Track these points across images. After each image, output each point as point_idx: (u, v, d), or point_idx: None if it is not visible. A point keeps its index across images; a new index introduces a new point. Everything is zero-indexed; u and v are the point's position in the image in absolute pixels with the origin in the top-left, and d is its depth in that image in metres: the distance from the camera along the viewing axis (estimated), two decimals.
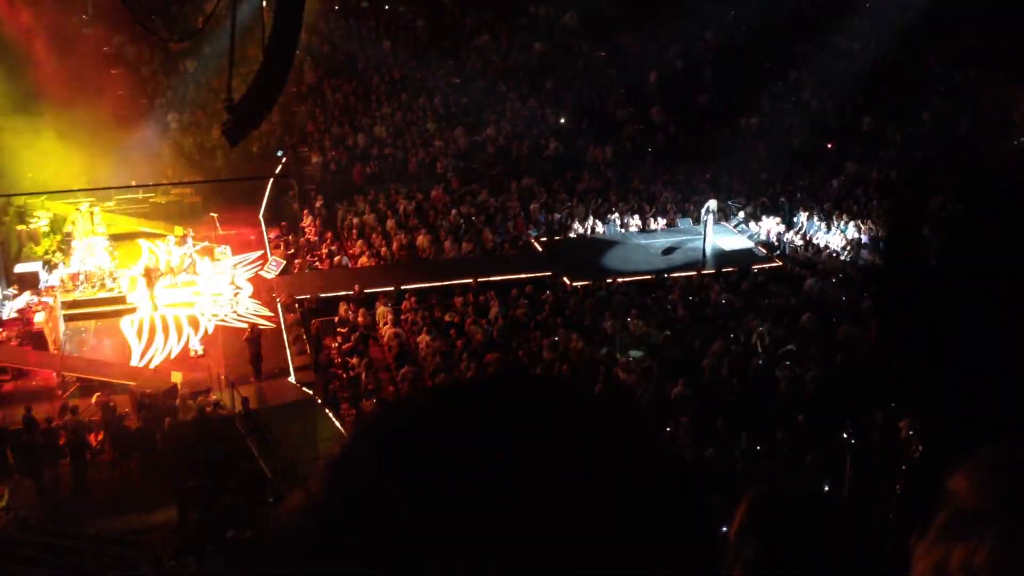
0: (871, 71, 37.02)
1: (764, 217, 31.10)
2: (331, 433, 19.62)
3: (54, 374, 22.19)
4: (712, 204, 28.84)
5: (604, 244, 29.71)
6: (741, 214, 31.25)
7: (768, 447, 17.67)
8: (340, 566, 0.78)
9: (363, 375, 21.61)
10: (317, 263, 28.24)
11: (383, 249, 28.71)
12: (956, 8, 36.75)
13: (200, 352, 23.55)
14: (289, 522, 0.82)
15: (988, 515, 0.92)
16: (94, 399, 20.42)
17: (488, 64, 39.08)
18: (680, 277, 26.48)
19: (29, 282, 25.31)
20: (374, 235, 29.39)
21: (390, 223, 29.91)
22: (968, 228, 1.53)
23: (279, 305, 25.18)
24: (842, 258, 28.31)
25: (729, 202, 30.91)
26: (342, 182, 33.16)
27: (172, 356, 23.63)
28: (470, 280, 25.60)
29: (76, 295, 25.47)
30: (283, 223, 30.50)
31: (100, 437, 19.81)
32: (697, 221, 29.52)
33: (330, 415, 20.62)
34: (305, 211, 31.03)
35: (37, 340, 22.97)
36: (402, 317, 24.17)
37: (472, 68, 38.55)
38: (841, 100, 37.28)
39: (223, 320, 25.11)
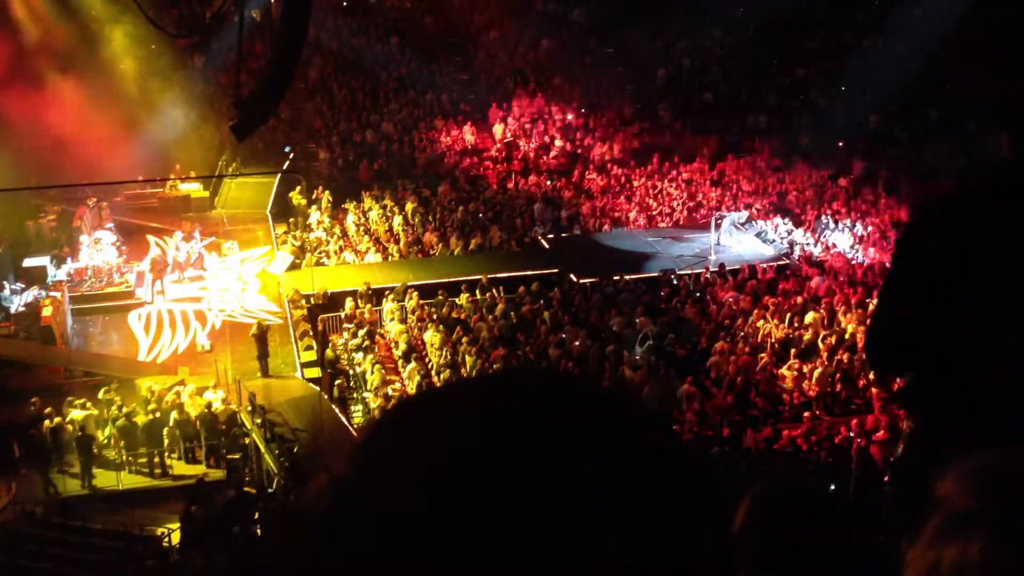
0: (879, 69, 36.89)
1: (772, 215, 31.03)
2: (337, 429, 19.65)
3: (61, 369, 22.25)
4: (734, 217, 28.99)
5: (611, 241, 29.69)
6: (745, 213, 31.14)
7: (774, 446, 17.66)
8: (366, 546, 0.79)
9: (369, 371, 21.65)
10: (324, 259, 28.27)
11: (390, 245, 28.75)
12: (965, 5, 36.59)
13: (207, 347, 23.60)
14: (314, 502, 0.84)
15: (979, 518, 0.93)
16: (101, 394, 20.48)
17: (496, 61, 39.07)
18: (687, 274, 26.46)
19: (37, 277, 25.37)
20: (381, 231, 29.42)
21: (397, 219, 29.94)
22: (964, 226, 1.53)
23: (286, 301, 25.21)
24: (849, 256, 28.23)
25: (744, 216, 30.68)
26: (349, 178, 33.22)
27: (179, 351, 23.68)
28: (479, 277, 25.61)
29: (84, 290, 25.53)
30: (290, 219, 30.55)
31: (107, 432, 19.88)
32: (707, 223, 29.39)
33: (336, 411, 20.65)
34: (312, 207, 31.07)
35: (45, 335, 23.01)
36: (409, 314, 24.19)
37: (480, 65, 38.55)
38: (849, 98, 37.16)
39: (230, 315, 25.15)
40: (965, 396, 1.46)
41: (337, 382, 21.62)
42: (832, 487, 14.04)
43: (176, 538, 17.39)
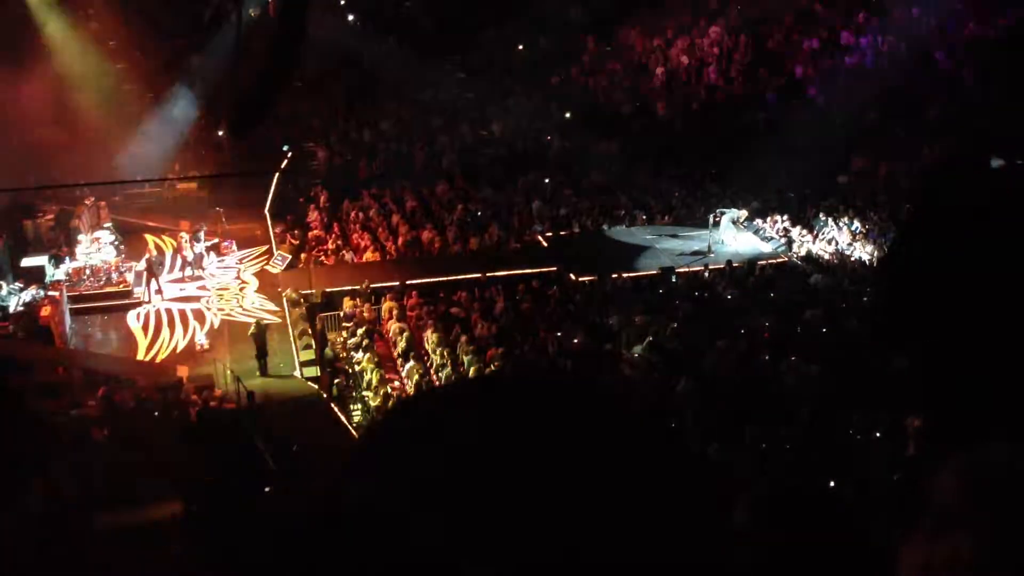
0: (877, 67, 36.92)
1: (771, 213, 31.03)
2: (336, 428, 19.65)
3: (60, 368, 22.22)
4: (733, 215, 28.98)
5: (609, 239, 29.70)
6: (745, 212, 31.14)
7: (772, 444, 17.66)
8: (369, 544, 0.79)
9: (368, 370, 21.64)
10: (323, 258, 28.27)
11: (388, 244, 28.74)
12: (963, 5, 36.65)
13: (206, 346, 23.60)
14: (316, 502, 0.84)
15: (972, 516, 0.93)
16: (99, 393, 20.47)
17: (493, 59, 39.07)
18: (686, 272, 26.46)
19: (35, 276, 25.35)
20: (379, 230, 29.42)
21: (395, 218, 29.94)
22: (968, 223, 1.53)
23: (284, 300, 25.21)
24: (848, 253, 28.24)
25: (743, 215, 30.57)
26: (347, 177, 33.22)
27: (178, 350, 23.68)
28: (478, 275, 25.61)
29: (82, 289, 25.51)
30: (289, 218, 30.55)
31: (105, 431, 19.86)
32: (705, 221, 29.37)
33: (335, 410, 20.65)
34: (311, 206, 31.06)
35: (43, 334, 22.99)
36: (408, 312, 24.20)
37: (477, 63, 38.54)
38: (847, 96, 37.15)
39: (229, 314, 25.15)
40: (964, 394, 1.45)
41: (336, 381, 21.61)
42: (832, 486, 14.06)
43: (175, 537, 17.38)
